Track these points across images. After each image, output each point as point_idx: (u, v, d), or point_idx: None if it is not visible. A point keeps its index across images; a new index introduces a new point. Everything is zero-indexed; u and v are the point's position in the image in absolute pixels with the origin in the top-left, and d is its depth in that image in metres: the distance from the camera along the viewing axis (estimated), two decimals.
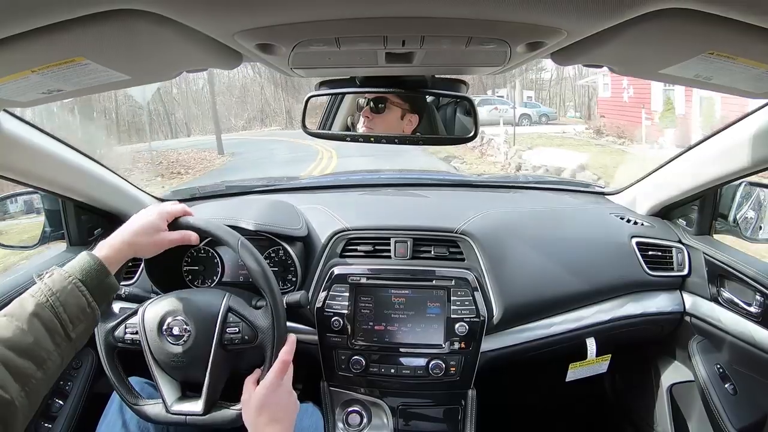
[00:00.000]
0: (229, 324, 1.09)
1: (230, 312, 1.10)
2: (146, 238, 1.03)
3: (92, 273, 0.91)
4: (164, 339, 1.09)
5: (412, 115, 1.22)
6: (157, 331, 1.09)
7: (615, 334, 1.52)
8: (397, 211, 1.63)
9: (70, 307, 0.86)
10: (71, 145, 1.38)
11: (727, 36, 0.63)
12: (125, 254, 1.00)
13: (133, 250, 1.01)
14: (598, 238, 1.59)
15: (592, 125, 18.99)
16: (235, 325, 1.09)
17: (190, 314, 1.09)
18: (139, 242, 1.02)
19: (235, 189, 1.95)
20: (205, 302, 1.12)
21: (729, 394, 1.46)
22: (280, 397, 1.01)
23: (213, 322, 1.08)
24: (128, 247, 1.00)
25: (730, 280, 1.44)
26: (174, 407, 1.09)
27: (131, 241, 1.01)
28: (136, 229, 1.03)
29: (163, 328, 1.09)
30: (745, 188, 1.49)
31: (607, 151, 13.66)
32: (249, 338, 1.09)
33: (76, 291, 0.88)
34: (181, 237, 1.09)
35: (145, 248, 1.04)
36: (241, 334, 1.08)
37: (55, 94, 0.85)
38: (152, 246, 1.05)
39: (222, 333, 1.08)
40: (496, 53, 0.78)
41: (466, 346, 1.36)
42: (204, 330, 1.08)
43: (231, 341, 1.08)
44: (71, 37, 0.60)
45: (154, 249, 1.06)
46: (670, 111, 14.69)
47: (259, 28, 0.64)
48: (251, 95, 27.47)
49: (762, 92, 0.91)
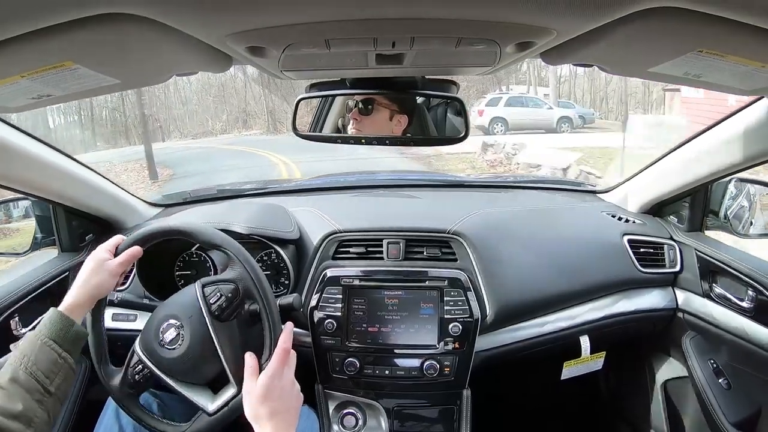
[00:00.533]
0: (210, 296, 1.09)
1: (205, 287, 1.11)
2: (97, 276, 1.07)
3: (57, 326, 0.97)
4: (165, 351, 1.08)
5: (401, 116, 1.22)
6: (157, 348, 1.08)
7: (608, 331, 1.52)
8: (389, 212, 1.63)
9: (42, 363, 0.92)
10: (61, 150, 1.37)
11: (716, 34, 0.63)
12: (85, 299, 1.05)
13: (91, 292, 1.06)
14: (590, 237, 1.59)
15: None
16: (215, 293, 1.09)
17: (174, 315, 1.09)
18: (92, 281, 1.06)
19: (227, 192, 1.95)
20: (181, 297, 1.13)
21: (723, 389, 1.46)
22: (283, 386, 0.98)
23: (196, 305, 1.09)
24: (85, 291, 1.05)
25: (722, 275, 1.45)
26: (213, 406, 1.07)
27: (85, 285, 1.06)
28: (85, 274, 1.07)
29: (159, 341, 1.08)
30: (736, 185, 1.50)
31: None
32: (232, 294, 1.09)
33: (45, 347, 0.94)
34: (128, 257, 1.12)
35: (101, 284, 1.08)
36: (223, 296, 1.08)
37: (44, 99, 0.84)
38: (107, 278, 1.08)
39: (208, 307, 1.08)
40: (486, 53, 0.78)
41: (460, 346, 1.36)
42: (194, 319, 1.08)
43: (220, 308, 1.08)
44: (61, 41, 0.59)
45: (111, 279, 1.09)
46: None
47: (249, 31, 0.64)
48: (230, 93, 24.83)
49: (751, 89, 0.91)
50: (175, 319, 1.09)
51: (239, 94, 24.21)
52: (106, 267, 1.08)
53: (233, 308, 1.09)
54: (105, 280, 1.07)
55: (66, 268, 1.52)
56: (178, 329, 1.08)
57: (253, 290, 1.07)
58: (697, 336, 1.55)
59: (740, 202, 1.51)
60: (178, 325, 1.08)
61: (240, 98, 24.35)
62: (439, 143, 1.38)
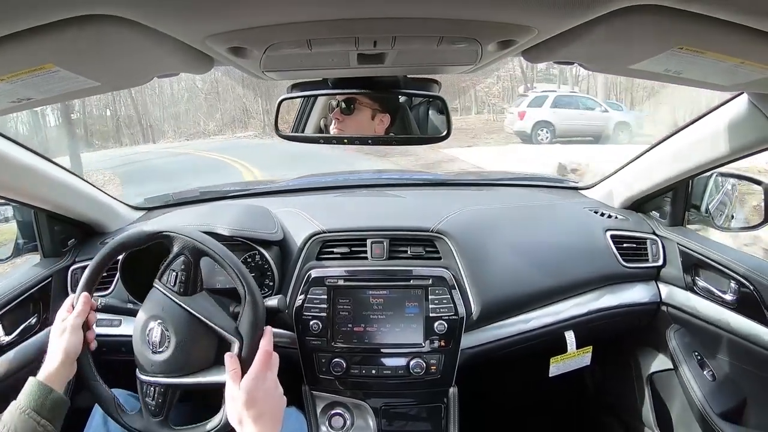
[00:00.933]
0: (168, 281, 1.11)
1: (161, 278, 1.13)
2: (61, 339, 1.07)
3: (35, 395, 0.98)
4: (160, 354, 1.07)
5: (383, 115, 1.22)
6: (153, 356, 1.08)
7: (593, 326, 1.53)
8: (373, 212, 1.63)
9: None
10: (42, 154, 1.36)
11: (695, 31, 0.64)
12: (58, 364, 1.04)
13: (63, 356, 1.05)
14: (573, 233, 1.60)
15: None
16: (170, 275, 1.11)
17: (150, 316, 1.10)
18: (60, 346, 1.06)
19: (210, 194, 1.94)
20: (149, 299, 1.14)
21: (708, 381, 1.48)
22: (267, 389, 0.98)
23: (162, 295, 1.10)
24: (57, 357, 1.05)
25: (705, 269, 1.47)
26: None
27: (55, 351, 1.06)
28: (52, 341, 1.08)
29: (151, 348, 1.08)
30: (716, 179, 1.52)
31: None
32: (185, 266, 1.10)
33: (24, 416, 0.96)
34: (81, 307, 1.11)
35: (69, 345, 1.07)
36: (177, 273, 1.10)
37: (24, 102, 0.83)
38: (71, 336, 1.07)
39: (171, 289, 1.10)
40: (468, 52, 0.78)
41: (445, 344, 1.37)
42: (167, 309, 1.09)
43: (181, 284, 1.10)
44: (41, 43, 0.59)
45: (76, 335, 1.08)
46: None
47: (230, 32, 0.64)
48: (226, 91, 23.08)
49: (731, 85, 0.92)
50: (152, 319, 1.09)
51: (235, 91, 23.04)
52: (66, 327, 1.08)
53: (194, 277, 1.11)
54: (70, 339, 1.07)
55: (48, 274, 1.50)
56: (159, 326, 1.08)
57: (202, 248, 1.08)
58: (681, 329, 1.57)
59: (721, 196, 1.53)
60: (158, 323, 1.08)
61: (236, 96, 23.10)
62: (422, 142, 1.38)
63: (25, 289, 1.42)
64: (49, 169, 1.39)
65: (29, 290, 1.44)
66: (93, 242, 1.61)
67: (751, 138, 1.17)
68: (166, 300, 1.09)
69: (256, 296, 1.07)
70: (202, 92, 23.53)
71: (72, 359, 1.07)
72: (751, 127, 1.15)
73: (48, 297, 1.50)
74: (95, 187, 1.60)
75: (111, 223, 1.66)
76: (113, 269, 1.37)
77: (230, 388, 0.99)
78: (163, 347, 1.07)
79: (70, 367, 1.06)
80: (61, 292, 1.53)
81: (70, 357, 1.06)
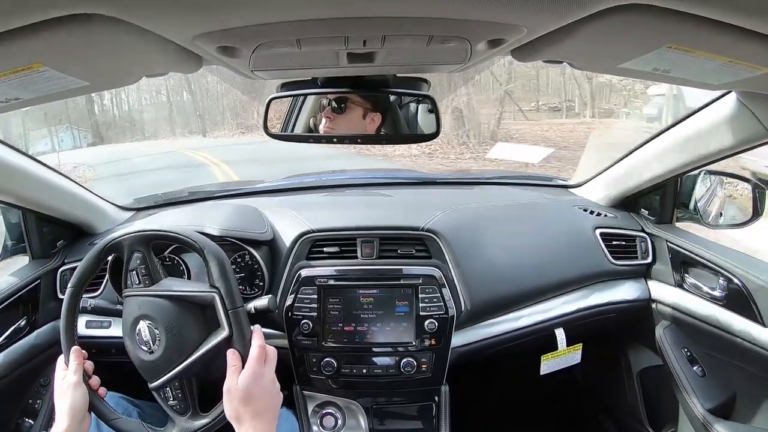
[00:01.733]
0: (133, 282, 1.11)
1: (126, 287, 1.12)
2: (64, 398, 1.05)
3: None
4: (157, 351, 1.07)
5: (375, 114, 1.22)
6: (149, 357, 1.08)
7: (583, 323, 1.54)
8: (362, 211, 1.63)
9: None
10: (29, 154, 1.35)
11: (683, 30, 0.64)
12: (67, 424, 1.02)
13: (70, 415, 1.03)
14: (563, 231, 1.61)
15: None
16: (135, 272, 1.11)
17: (134, 318, 1.09)
18: (65, 407, 1.04)
19: (199, 194, 1.93)
20: (126, 305, 1.13)
21: (698, 376, 1.49)
22: (264, 385, 0.98)
23: (135, 298, 1.10)
24: (64, 418, 1.02)
25: (694, 266, 1.48)
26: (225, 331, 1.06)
27: (62, 413, 1.03)
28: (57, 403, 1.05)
29: (146, 349, 1.07)
30: (705, 177, 1.53)
31: None
32: (140, 261, 1.11)
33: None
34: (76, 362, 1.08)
35: (73, 404, 1.04)
36: (135, 269, 1.10)
37: (12, 102, 0.82)
38: (73, 395, 1.05)
39: (138, 287, 1.10)
40: (457, 51, 0.78)
41: (436, 342, 1.37)
42: (147, 304, 1.08)
43: (143, 276, 1.10)
44: (29, 43, 0.58)
45: (77, 392, 1.05)
46: None
47: (219, 31, 0.63)
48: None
49: (719, 84, 0.92)
50: (136, 322, 1.08)
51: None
52: (67, 385, 1.06)
53: (154, 266, 1.12)
54: (73, 398, 1.05)
55: (37, 276, 1.49)
56: (145, 323, 1.08)
57: (144, 235, 1.10)
58: (670, 325, 1.58)
59: (709, 194, 1.54)
60: (141, 324, 1.08)
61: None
62: (412, 141, 1.38)
63: (13, 291, 1.41)
64: (37, 169, 1.38)
65: (18, 292, 1.43)
66: (82, 243, 1.60)
67: (739, 136, 1.18)
68: (139, 299, 1.09)
69: (210, 247, 1.08)
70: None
71: (80, 416, 1.04)
72: (739, 126, 1.16)
73: (37, 299, 1.49)
74: (84, 188, 1.59)
75: (100, 224, 1.65)
76: (102, 271, 1.36)
77: (229, 383, 0.98)
78: (156, 343, 1.07)
79: (79, 425, 1.04)
80: (51, 293, 1.52)
81: (77, 415, 1.03)
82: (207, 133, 18.96)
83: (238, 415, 0.95)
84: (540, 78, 15.40)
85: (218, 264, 1.06)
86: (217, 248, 1.09)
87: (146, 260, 1.11)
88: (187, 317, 1.07)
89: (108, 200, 1.71)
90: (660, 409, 1.66)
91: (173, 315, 1.07)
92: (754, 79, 0.83)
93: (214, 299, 1.05)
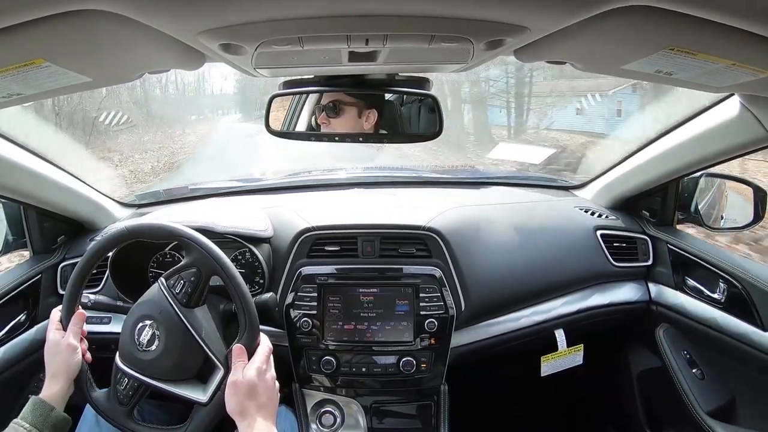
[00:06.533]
0: (174, 287, 1.08)
1: (167, 279, 1.09)
2: (57, 358, 1.06)
3: (37, 412, 0.99)
4: (146, 353, 1.06)
5: (370, 111, 1.21)
6: (137, 353, 1.07)
7: (583, 324, 1.54)
8: (364, 209, 1.63)
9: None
10: (30, 149, 1.34)
11: (687, 32, 0.64)
12: (59, 384, 1.04)
13: (62, 375, 1.05)
14: (564, 232, 1.61)
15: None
16: (177, 282, 1.08)
17: (145, 315, 1.08)
18: (56, 366, 1.06)
19: (200, 191, 1.93)
20: (148, 296, 1.12)
21: (697, 379, 1.49)
22: (267, 381, 1.00)
23: (164, 299, 1.08)
24: (55, 377, 1.05)
25: (694, 268, 1.48)
26: (207, 394, 1.05)
27: (54, 372, 1.05)
28: (48, 362, 1.07)
29: (137, 345, 1.07)
30: (706, 180, 1.53)
31: None
32: (195, 278, 1.07)
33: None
34: (75, 327, 1.10)
35: (67, 364, 1.06)
36: (187, 282, 1.07)
37: (14, 98, 0.83)
38: (67, 356, 1.07)
39: (175, 297, 1.07)
40: (459, 51, 0.78)
41: (436, 341, 1.37)
42: (164, 314, 1.07)
43: (186, 295, 1.07)
44: (32, 38, 0.59)
45: (71, 354, 1.07)
46: None
47: (221, 28, 0.63)
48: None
49: (721, 86, 0.92)
50: (147, 318, 1.07)
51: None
52: (66, 346, 1.07)
53: (200, 292, 1.08)
54: (66, 359, 1.06)
55: (38, 271, 1.49)
56: (151, 328, 1.06)
57: (215, 267, 1.06)
58: (670, 327, 1.58)
59: (710, 196, 1.54)
60: (150, 324, 1.07)
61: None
62: (413, 140, 1.37)
63: (14, 286, 1.41)
64: (39, 165, 1.38)
65: (19, 287, 1.43)
66: (83, 239, 1.60)
67: (740, 139, 1.18)
68: (165, 304, 1.07)
69: (255, 330, 1.06)
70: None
71: (70, 379, 1.06)
72: (740, 129, 1.16)
73: (38, 294, 1.49)
74: (85, 184, 1.59)
75: (100, 220, 1.65)
76: (102, 266, 1.36)
77: (236, 371, 1.00)
78: (150, 348, 1.06)
79: (67, 388, 1.06)
80: (51, 289, 1.52)
81: (68, 376, 1.05)
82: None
83: (242, 409, 0.96)
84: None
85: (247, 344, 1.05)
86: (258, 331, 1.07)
87: (198, 284, 1.08)
88: (190, 355, 1.07)
89: (109, 196, 1.71)
90: (659, 411, 1.66)
91: (181, 343, 1.06)
92: (756, 82, 0.83)
93: (217, 370, 1.06)
